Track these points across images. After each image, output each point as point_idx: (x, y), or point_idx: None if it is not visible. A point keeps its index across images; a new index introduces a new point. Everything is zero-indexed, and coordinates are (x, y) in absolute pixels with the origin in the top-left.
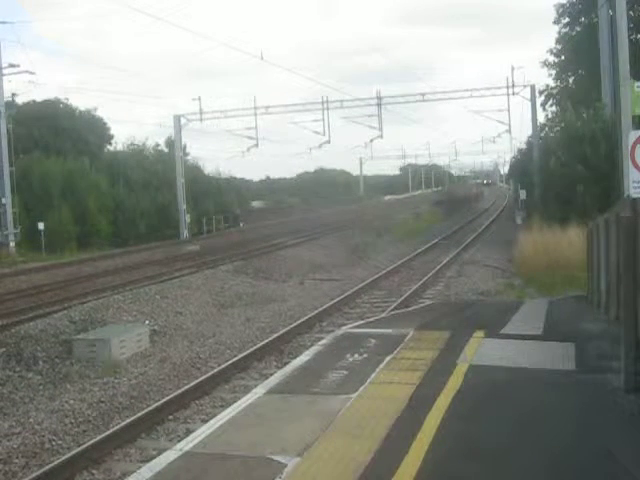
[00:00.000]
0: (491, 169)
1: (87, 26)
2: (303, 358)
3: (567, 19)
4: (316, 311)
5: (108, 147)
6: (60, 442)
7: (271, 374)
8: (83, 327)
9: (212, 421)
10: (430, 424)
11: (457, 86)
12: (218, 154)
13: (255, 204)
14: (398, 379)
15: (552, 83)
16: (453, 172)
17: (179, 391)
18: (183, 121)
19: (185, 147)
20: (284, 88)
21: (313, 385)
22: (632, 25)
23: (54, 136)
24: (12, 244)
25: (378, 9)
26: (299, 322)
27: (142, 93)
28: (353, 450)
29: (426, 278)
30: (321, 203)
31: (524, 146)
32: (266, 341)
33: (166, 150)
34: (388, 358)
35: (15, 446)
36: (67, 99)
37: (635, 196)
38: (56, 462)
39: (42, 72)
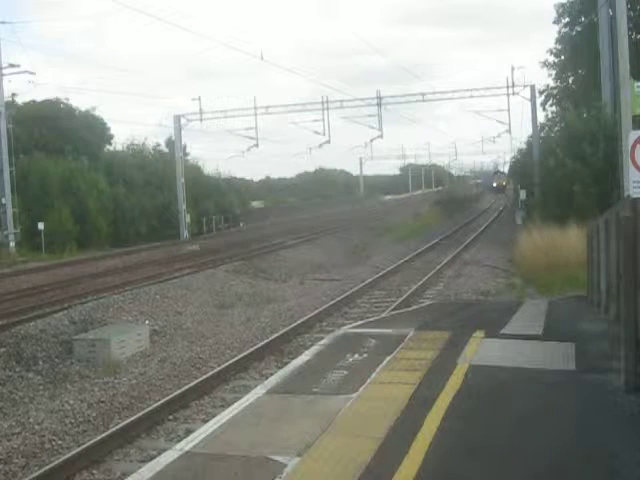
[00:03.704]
0: (492, 168)
1: (87, 26)
2: (303, 358)
3: (567, 19)
4: (316, 311)
5: (108, 147)
6: (60, 442)
7: (271, 374)
8: (83, 327)
9: (212, 421)
10: (430, 424)
11: (457, 86)
12: (218, 154)
13: (255, 204)
14: (398, 379)
15: (552, 83)
16: (453, 172)
17: (179, 391)
18: (183, 121)
19: (185, 147)
20: (284, 88)
21: (313, 385)
22: (632, 25)
23: (54, 136)
24: (12, 244)
25: (378, 9)
26: (299, 322)
27: (142, 93)
28: (353, 450)
29: (426, 278)
30: (321, 203)
31: (524, 146)
32: (266, 341)
33: (166, 150)
34: (388, 358)
35: (15, 446)
36: (67, 99)
37: (635, 196)
38: (56, 462)
39: (42, 72)
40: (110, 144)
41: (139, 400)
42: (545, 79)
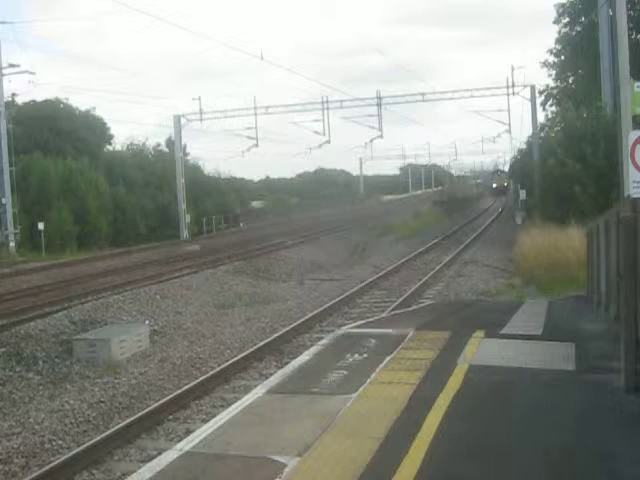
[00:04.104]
0: (492, 168)
1: (87, 26)
2: (303, 358)
3: (567, 19)
4: (316, 311)
5: (108, 147)
6: (60, 442)
7: (271, 374)
8: (83, 327)
9: (212, 421)
10: (430, 424)
11: (457, 86)
12: (218, 154)
13: (255, 204)
14: (398, 379)
15: (552, 83)
16: (453, 172)
17: (179, 391)
18: (183, 121)
19: (185, 147)
20: (284, 88)
21: (313, 385)
22: (632, 25)
23: (54, 136)
24: (12, 244)
25: (378, 9)
26: (299, 322)
27: (142, 93)
28: (353, 450)
29: (426, 278)
30: (321, 203)
31: (524, 146)
32: (266, 341)
33: (166, 150)
34: (388, 358)
35: (15, 446)
36: (67, 99)
37: (635, 196)
38: (56, 462)
39: (42, 72)
40: (110, 144)
41: (139, 400)
42: (545, 79)
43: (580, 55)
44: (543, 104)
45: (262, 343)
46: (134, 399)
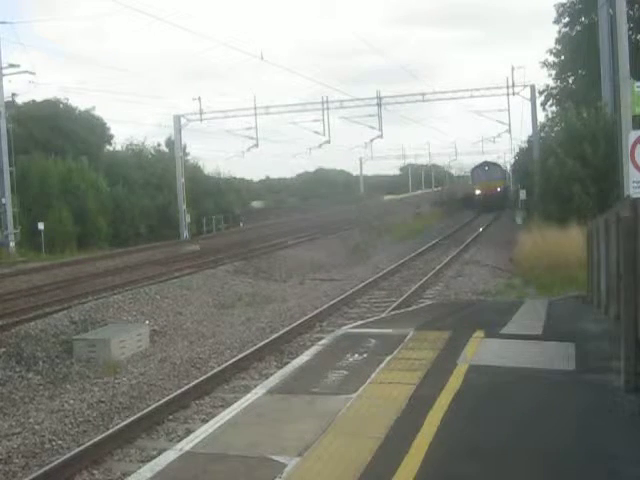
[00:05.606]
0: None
1: (87, 26)
2: (303, 358)
3: (567, 19)
4: (316, 311)
5: (108, 147)
6: (60, 442)
7: (271, 374)
8: (83, 327)
9: (212, 421)
10: (430, 424)
11: (457, 86)
12: (218, 154)
13: (255, 204)
14: (398, 379)
15: (552, 83)
16: (453, 172)
17: (179, 391)
18: (183, 121)
19: (185, 147)
20: (284, 88)
21: (313, 385)
22: (632, 25)
23: (54, 136)
24: (12, 244)
25: (378, 9)
26: (299, 322)
27: (142, 93)
28: (353, 450)
29: (426, 278)
30: (321, 203)
31: (524, 146)
32: (266, 341)
33: (166, 150)
34: (388, 358)
35: (15, 446)
36: (67, 99)
37: (635, 196)
38: (56, 462)
39: (42, 72)
40: (110, 144)
41: (139, 400)
42: (545, 79)
43: (580, 55)
44: (543, 104)
45: (262, 343)
46: (134, 399)
